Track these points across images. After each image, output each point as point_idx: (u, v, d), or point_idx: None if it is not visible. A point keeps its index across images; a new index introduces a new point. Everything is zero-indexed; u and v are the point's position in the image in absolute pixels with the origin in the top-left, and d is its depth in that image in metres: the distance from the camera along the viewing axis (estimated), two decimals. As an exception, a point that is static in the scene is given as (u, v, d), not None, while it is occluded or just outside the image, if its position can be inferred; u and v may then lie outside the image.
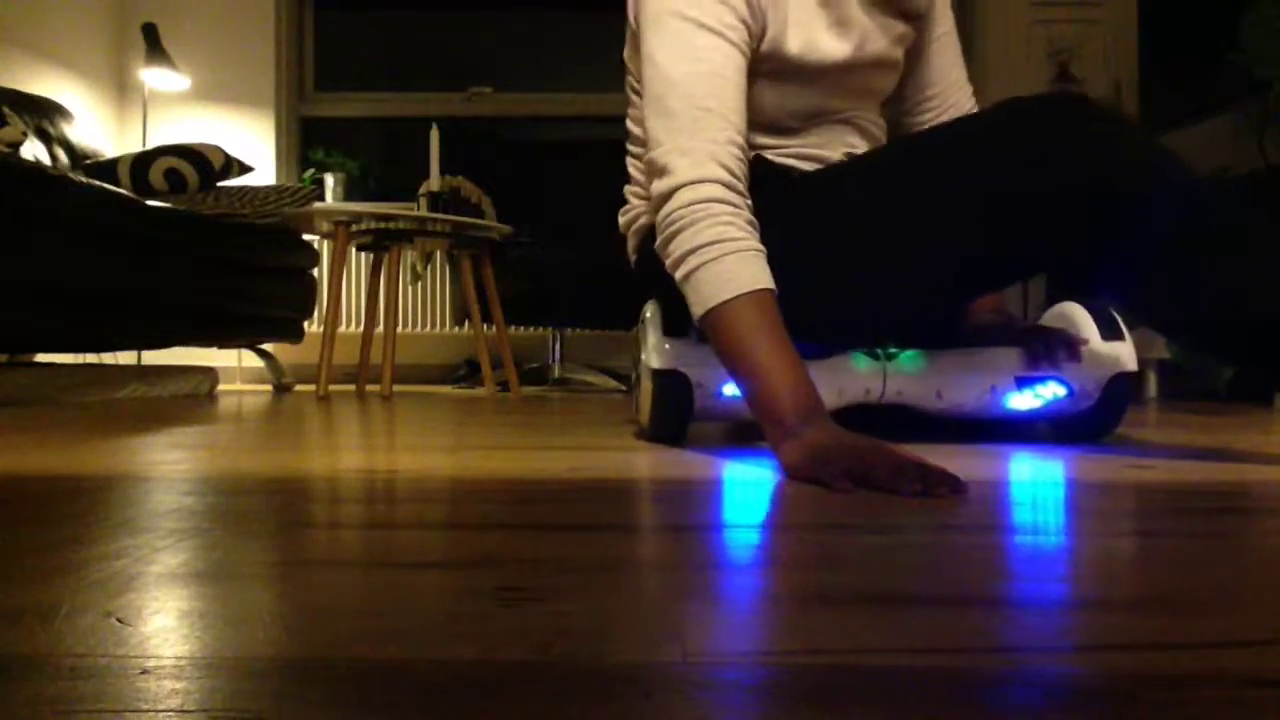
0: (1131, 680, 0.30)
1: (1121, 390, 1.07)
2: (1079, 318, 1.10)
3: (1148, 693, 0.29)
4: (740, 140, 0.91)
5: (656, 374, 1.04)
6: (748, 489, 0.73)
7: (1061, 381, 1.04)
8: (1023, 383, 1.05)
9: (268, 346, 2.86)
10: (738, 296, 0.83)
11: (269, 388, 3.01)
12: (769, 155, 1.07)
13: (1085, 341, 1.05)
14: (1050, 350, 1.04)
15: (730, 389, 1.03)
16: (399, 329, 3.63)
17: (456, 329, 3.63)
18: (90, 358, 2.93)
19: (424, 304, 3.65)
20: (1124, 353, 1.05)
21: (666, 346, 1.05)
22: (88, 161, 2.62)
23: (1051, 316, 1.14)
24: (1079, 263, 0.90)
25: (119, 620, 0.36)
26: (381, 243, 2.38)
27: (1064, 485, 0.75)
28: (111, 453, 0.98)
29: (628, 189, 1.18)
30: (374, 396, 2.36)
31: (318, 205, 2.56)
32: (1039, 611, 0.38)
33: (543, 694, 0.29)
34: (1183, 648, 0.34)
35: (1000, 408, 1.07)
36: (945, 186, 0.93)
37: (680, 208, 0.88)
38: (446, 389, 3.00)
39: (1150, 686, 0.30)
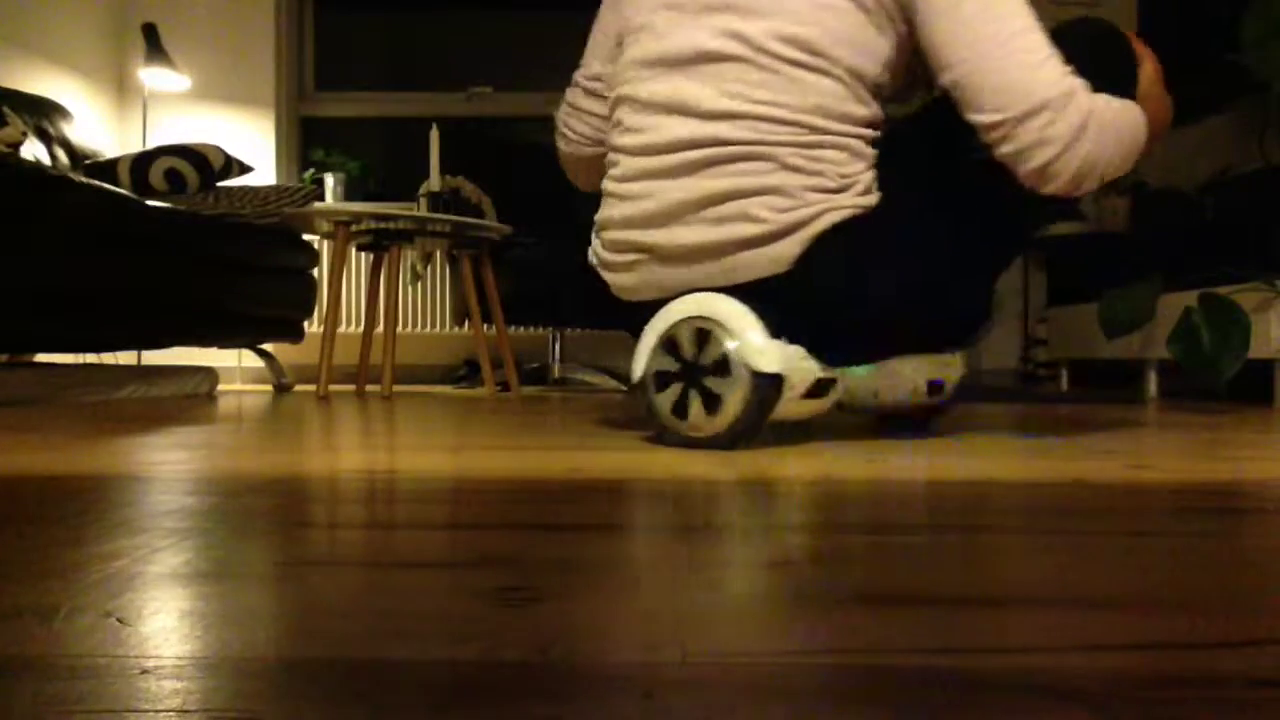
0: (1132, 680, 0.30)
1: (965, 388, 1.33)
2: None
3: (1148, 693, 0.29)
4: None
5: (759, 376, 1.00)
6: (748, 489, 0.73)
7: (941, 384, 1.35)
8: (931, 386, 1.32)
9: (268, 346, 2.85)
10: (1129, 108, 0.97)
11: (269, 388, 3.01)
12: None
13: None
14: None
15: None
16: (399, 329, 3.63)
17: (456, 329, 3.63)
18: (90, 358, 2.93)
19: (424, 304, 3.65)
20: (960, 361, 1.38)
21: (774, 349, 1.01)
22: (88, 161, 2.62)
23: None
24: None
25: (119, 620, 0.36)
26: (381, 243, 2.38)
27: (1063, 485, 0.75)
28: (111, 453, 0.98)
29: (791, 184, 0.99)
30: (374, 396, 2.36)
31: (318, 205, 2.56)
32: (1039, 611, 0.38)
33: (543, 694, 0.29)
34: (1183, 648, 0.34)
35: (909, 403, 1.32)
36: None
37: (1084, 113, 0.94)
38: (446, 389, 3.00)
39: (1150, 686, 0.30)
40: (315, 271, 2.86)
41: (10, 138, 2.07)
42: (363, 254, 3.57)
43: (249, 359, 3.65)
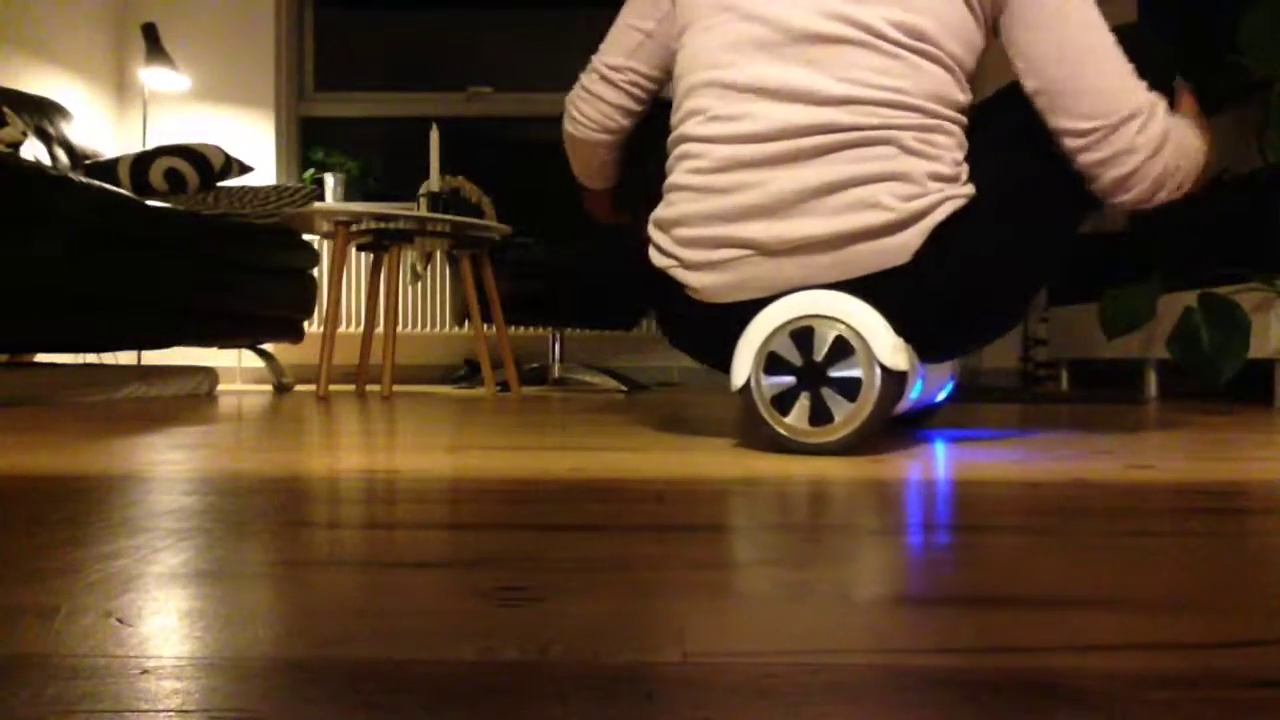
0: (1131, 680, 0.30)
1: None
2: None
3: (1148, 693, 0.29)
4: None
5: (891, 376, 0.97)
6: (748, 490, 0.73)
7: (955, 380, 1.41)
8: (951, 380, 1.37)
9: (268, 346, 2.85)
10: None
11: (269, 388, 3.01)
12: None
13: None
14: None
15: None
16: (399, 329, 3.63)
17: (456, 329, 3.63)
18: (90, 358, 2.93)
19: (424, 304, 3.65)
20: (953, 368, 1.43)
21: (902, 346, 0.99)
22: (88, 161, 2.62)
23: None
24: None
25: (119, 620, 0.36)
26: (381, 243, 2.38)
27: (1063, 485, 0.75)
28: (111, 453, 0.98)
29: (916, 170, 0.96)
30: (374, 396, 2.36)
31: (318, 205, 2.56)
32: (1039, 612, 0.38)
33: (542, 694, 0.29)
34: (1183, 648, 0.34)
35: (934, 399, 1.35)
36: None
37: (1162, 127, 0.98)
38: (446, 389, 3.00)
39: (1150, 686, 0.30)
40: (315, 271, 2.86)
41: (10, 138, 2.07)
42: (363, 254, 3.57)
43: (249, 359, 3.65)
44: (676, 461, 0.92)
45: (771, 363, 1.00)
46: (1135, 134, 0.95)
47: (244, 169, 2.66)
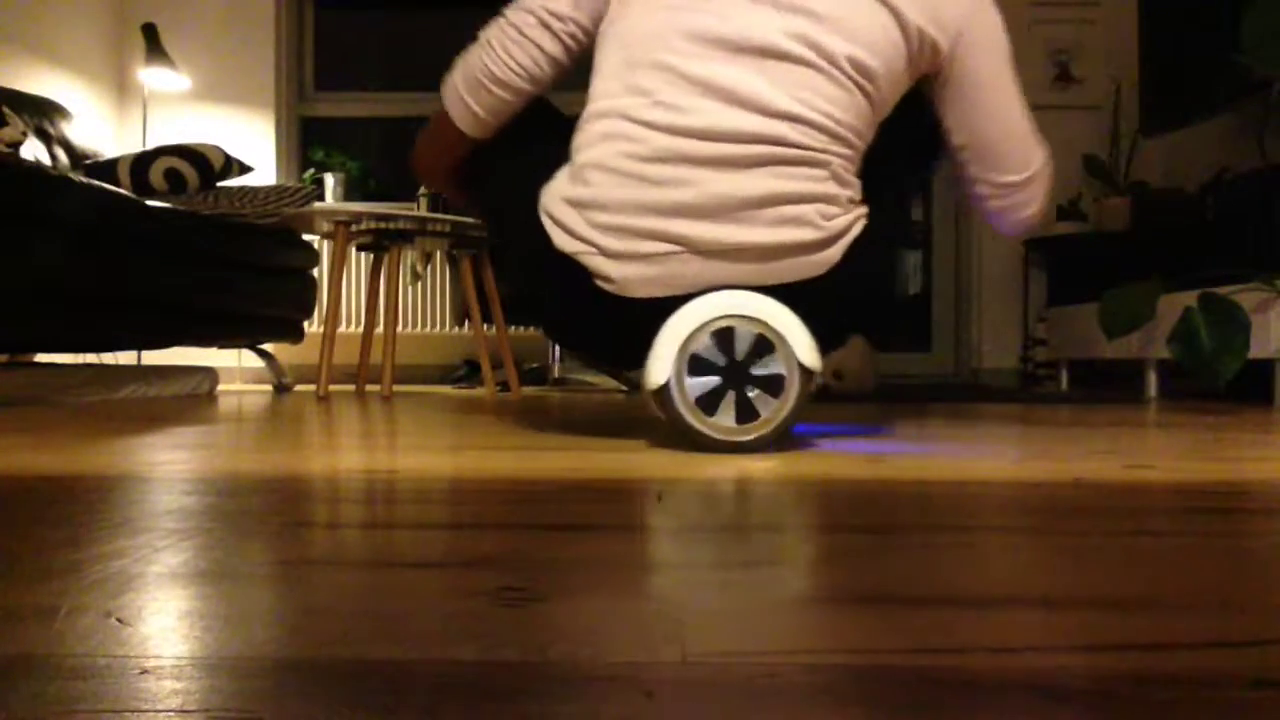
0: (1131, 680, 0.30)
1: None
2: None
3: (1148, 693, 0.29)
4: None
5: (809, 373, 1.00)
6: (747, 490, 0.73)
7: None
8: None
9: (268, 346, 2.85)
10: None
11: (269, 388, 3.01)
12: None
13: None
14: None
15: None
16: (399, 329, 3.63)
17: (456, 329, 3.63)
18: (90, 358, 2.93)
19: (424, 304, 3.65)
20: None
21: (814, 345, 1.01)
22: (88, 161, 2.62)
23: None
24: None
25: (119, 620, 0.36)
26: (381, 243, 2.38)
27: (1063, 485, 0.75)
28: (111, 453, 0.98)
29: (840, 194, 1.02)
30: (374, 396, 2.36)
31: (318, 205, 2.57)
32: (1039, 611, 0.38)
33: (543, 694, 0.29)
34: (1183, 648, 0.34)
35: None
36: None
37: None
38: (446, 389, 3.00)
39: (1150, 686, 0.30)
40: (315, 271, 2.86)
41: (10, 138, 2.07)
42: (363, 254, 3.57)
43: (249, 359, 3.65)
44: (675, 461, 0.92)
45: (694, 362, 1.00)
46: (1044, 180, 1.14)
47: (244, 169, 2.67)
